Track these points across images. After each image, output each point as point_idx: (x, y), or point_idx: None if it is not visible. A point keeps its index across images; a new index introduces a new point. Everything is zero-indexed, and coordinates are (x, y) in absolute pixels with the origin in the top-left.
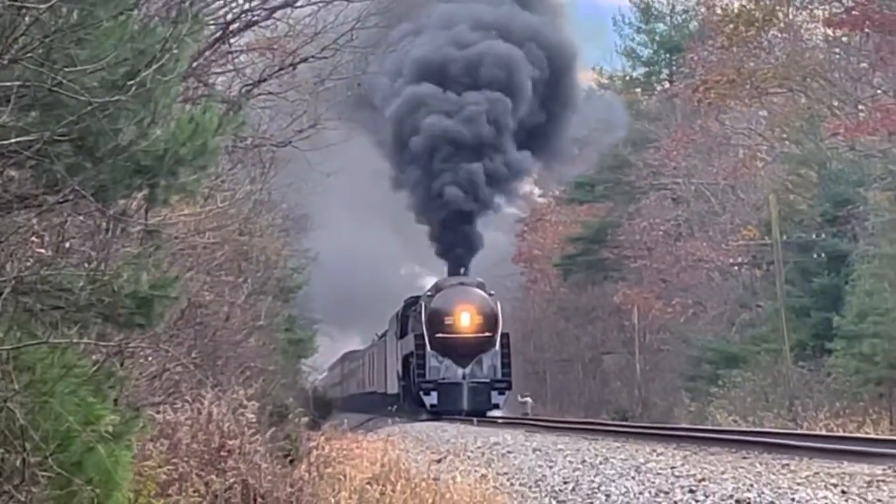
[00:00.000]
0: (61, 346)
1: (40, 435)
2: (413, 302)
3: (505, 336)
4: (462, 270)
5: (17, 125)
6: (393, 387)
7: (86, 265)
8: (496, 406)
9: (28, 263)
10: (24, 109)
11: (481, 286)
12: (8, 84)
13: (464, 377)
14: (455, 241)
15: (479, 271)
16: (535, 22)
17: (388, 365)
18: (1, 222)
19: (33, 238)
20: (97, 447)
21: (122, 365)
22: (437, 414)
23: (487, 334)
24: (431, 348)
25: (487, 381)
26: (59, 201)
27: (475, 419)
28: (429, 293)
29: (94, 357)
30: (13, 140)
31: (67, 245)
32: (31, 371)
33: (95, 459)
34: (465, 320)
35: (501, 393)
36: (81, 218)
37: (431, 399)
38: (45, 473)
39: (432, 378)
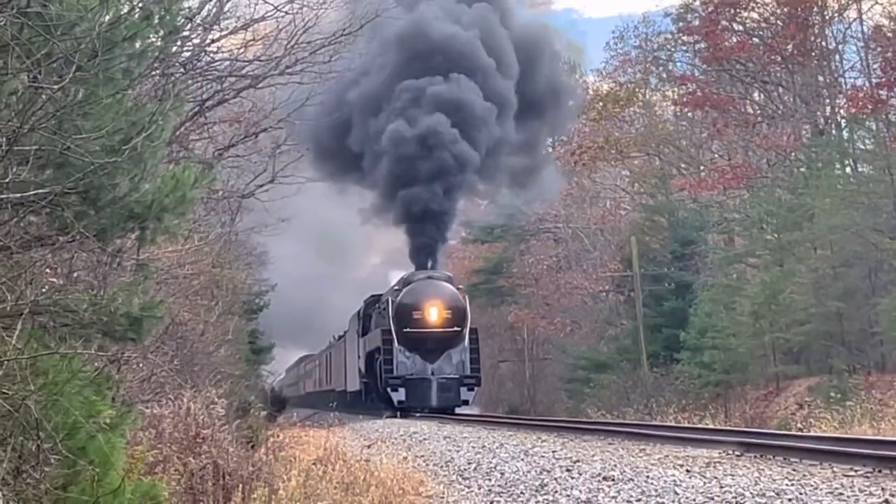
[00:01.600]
0: (69, 355)
1: (52, 426)
2: (374, 300)
3: (473, 331)
4: (430, 265)
5: (34, 181)
6: (354, 384)
7: (89, 291)
8: (465, 402)
9: (43, 290)
10: (41, 168)
11: (449, 280)
12: (27, 148)
13: (432, 373)
14: (422, 234)
15: None
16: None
17: (347, 363)
18: (21, 257)
19: (47, 270)
20: (97, 436)
21: (118, 370)
22: (404, 410)
23: (456, 329)
24: (399, 343)
25: (456, 376)
26: (68, 241)
27: (398, 412)
28: (395, 287)
29: (95, 364)
30: (32, 192)
31: (75, 275)
32: (45, 375)
33: (96, 445)
34: (434, 315)
35: (471, 389)
36: (86, 254)
37: (399, 395)
38: (55, 457)
39: (400, 374)
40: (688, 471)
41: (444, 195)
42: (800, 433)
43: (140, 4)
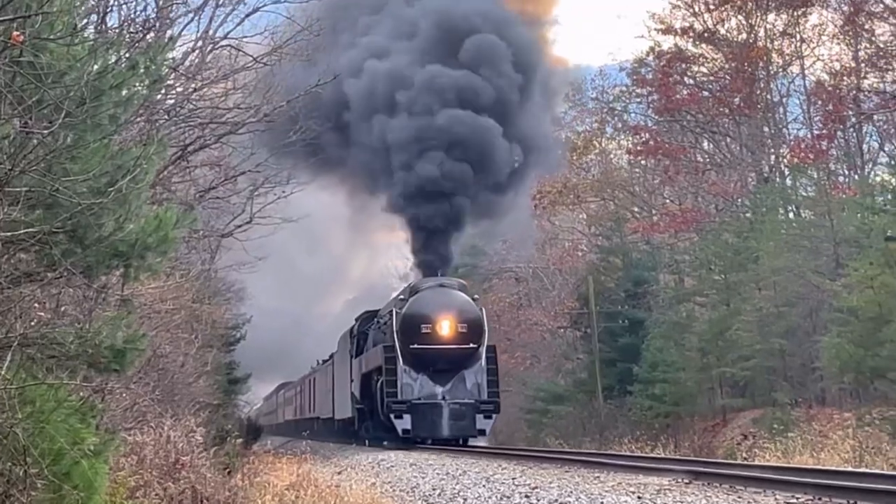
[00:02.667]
0: (55, 385)
1: (38, 452)
2: (370, 316)
3: (491, 349)
4: (440, 271)
5: (24, 220)
6: (344, 411)
7: (75, 325)
8: (482, 432)
9: (32, 323)
10: (31, 208)
11: (463, 289)
12: (18, 189)
13: (443, 397)
14: (433, 236)
15: None
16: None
17: (336, 387)
18: (11, 293)
19: (36, 304)
20: (82, 461)
21: (102, 400)
22: (410, 441)
23: (472, 346)
24: (404, 362)
25: (471, 402)
26: (55, 277)
27: (367, 441)
28: (401, 297)
29: (80, 394)
30: (22, 231)
31: (62, 310)
32: (32, 404)
33: (80, 471)
34: (446, 328)
35: (488, 417)
36: (73, 290)
37: (404, 423)
38: (41, 482)
39: (406, 398)
40: (639, 497)
41: (461, 198)
42: (745, 462)
43: (126, 55)
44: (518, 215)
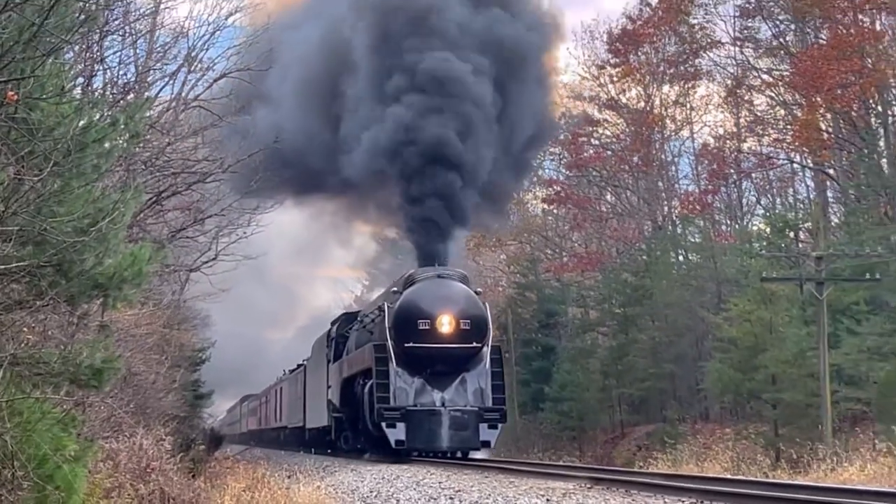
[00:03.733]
0: (41, 398)
1: (25, 457)
2: (350, 317)
3: (496, 350)
4: (437, 261)
5: (16, 255)
6: (319, 419)
7: (60, 347)
8: (486, 444)
9: (21, 345)
10: (22, 245)
11: (465, 280)
12: (11, 228)
13: (443, 403)
14: (431, 219)
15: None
16: None
17: (309, 395)
18: (4, 318)
19: (25, 328)
20: (63, 466)
21: (82, 412)
22: (403, 453)
23: (475, 345)
24: (398, 364)
25: (475, 409)
26: (43, 305)
27: (313, 449)
28: (394, 290)
29: (63, 406)
30: (14, 265)
31: (48, 333)
32: (20, 415)
33: (62, 474)
34: (446, 325)
35: (493, 427)
36: (58, 316)
37: (398, 433)
38: (27, 483)
39: (399, 404)
40: (548, 500)
41: (460, 182)
42: (640, 470)
43: (109, 113)
44: (457, 251)
